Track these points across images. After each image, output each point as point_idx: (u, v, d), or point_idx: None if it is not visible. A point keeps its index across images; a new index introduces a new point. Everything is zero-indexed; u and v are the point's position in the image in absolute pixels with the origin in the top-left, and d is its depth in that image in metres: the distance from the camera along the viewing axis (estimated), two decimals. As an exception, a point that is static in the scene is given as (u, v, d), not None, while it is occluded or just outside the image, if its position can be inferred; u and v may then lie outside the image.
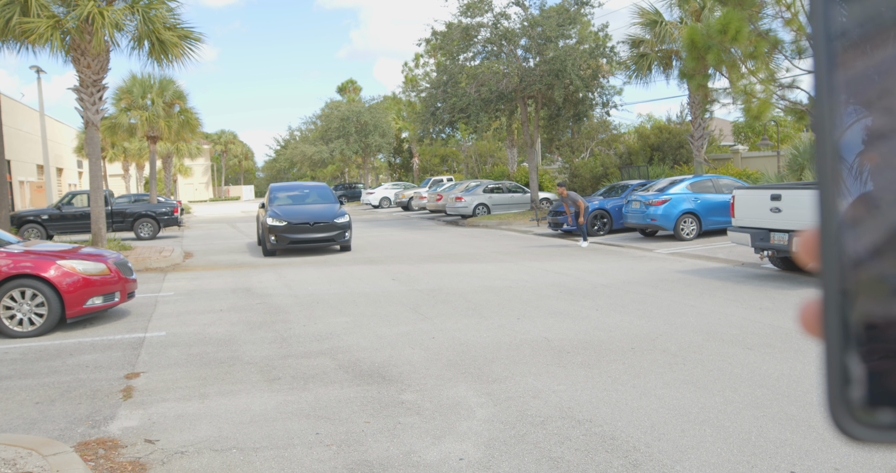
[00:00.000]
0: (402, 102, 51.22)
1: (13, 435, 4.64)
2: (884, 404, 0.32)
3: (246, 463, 4.27)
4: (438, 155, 52.99)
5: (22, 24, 14.69)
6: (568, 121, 27.25)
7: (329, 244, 16.14)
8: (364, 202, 44.61)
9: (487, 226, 23.56)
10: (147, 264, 14.91)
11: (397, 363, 6.39)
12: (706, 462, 4.00)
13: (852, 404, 0.32)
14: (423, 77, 39.13)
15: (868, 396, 0.32)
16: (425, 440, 4.54)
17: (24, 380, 6.28)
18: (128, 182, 51.89)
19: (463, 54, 25.64)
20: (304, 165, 57.40)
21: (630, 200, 16.96)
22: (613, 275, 11.29)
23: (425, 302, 9.41)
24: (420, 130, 29.41)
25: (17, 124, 29.18)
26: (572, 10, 24.02)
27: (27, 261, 8.27)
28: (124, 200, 27.37)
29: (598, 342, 6.83)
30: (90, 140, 16.40)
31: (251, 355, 6.91)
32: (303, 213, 16.27)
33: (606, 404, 5.06)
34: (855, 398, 0.32)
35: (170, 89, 28.46)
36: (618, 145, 32.56)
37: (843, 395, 0.32)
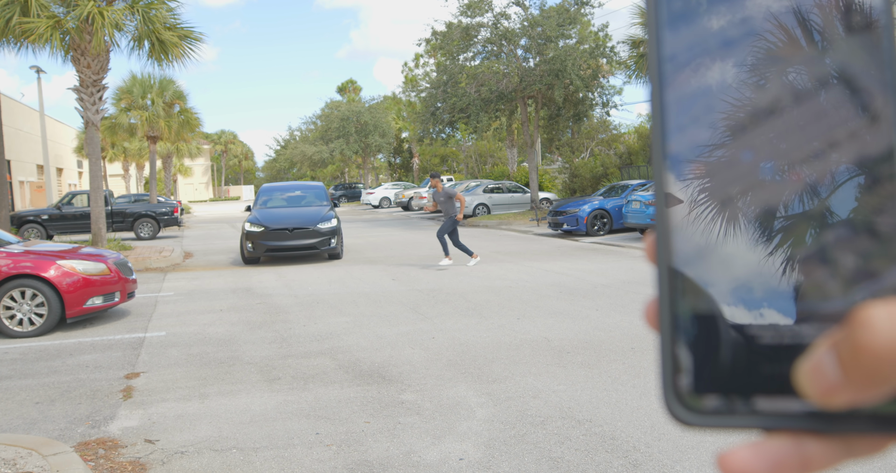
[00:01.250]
0: (402, 102, 51.26)
1: (13, 435, 4.64)
2: (708, 391, 0.35)
3: (246, 463, 4.27)
4: (438, 155, 53.01)
5: (22, 24, 14.69)
6: (568, 121, 27.27)
7: (311, 252, 14.67)
8: (364, 202, 44.62)
9: (487, 226, 23.56)
10: (147, 264, 14.91)
11: (397, 363, 6.39)
12: (706, 462, 4.00)
13: (681, 391, 0.36)
14: (423, 77, 39.14)
15: (694, 384, 0.35)
16: (425, 440, 4.54)
17: (24, 380, 6.28)
18: (128, 182, 51.92)
19: (463, 54, 25.65)
20: (304, 165, 57.43)
21: (630, 200, 16.97)
22: (613, 275, 11.30)
23: (425, 302, 9.42)
24: (420, 130, 29.42)
25: (17, 124, 29.19)
26: (572, 10, 24.02)
27: (27, 261, 8.27)
28: (124, 200, 27.39)
29: (598, 342, 6.83)
30: (90, 140, 16.40)
31: (251, 355, 6.91)
32: (284, 217, 14.77)
33: (606, 404, 5.06)
34: (683, 386, 0.36)
35: (170, 89, 28.49)
36: (618, 145, 32.58)
37: (673, 384, 0.36)
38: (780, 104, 0.35)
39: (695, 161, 0.36)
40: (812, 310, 0.34)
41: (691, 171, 0.36)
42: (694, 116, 0.36)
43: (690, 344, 0.36)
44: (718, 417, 0.35)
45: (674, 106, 0.37)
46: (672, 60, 0.37)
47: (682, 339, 0.36)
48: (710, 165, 0.36)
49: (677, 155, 0.37)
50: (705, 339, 0.35)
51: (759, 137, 0.35)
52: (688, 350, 0.35)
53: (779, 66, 0.35)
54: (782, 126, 0.35)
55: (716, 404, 0.35)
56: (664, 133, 0.37)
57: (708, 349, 0.35)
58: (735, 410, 0.35)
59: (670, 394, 0.36)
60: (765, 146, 0.35)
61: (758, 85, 0.35)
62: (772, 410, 0.34)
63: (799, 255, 0.34)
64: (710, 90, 0.36)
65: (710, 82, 0.36)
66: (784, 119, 0.35)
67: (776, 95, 0.35)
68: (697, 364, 0.35)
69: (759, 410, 0.34)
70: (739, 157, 0.35)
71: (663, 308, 0.36)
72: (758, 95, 0.35)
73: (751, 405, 0.34)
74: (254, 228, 14.48)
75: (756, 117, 0.35)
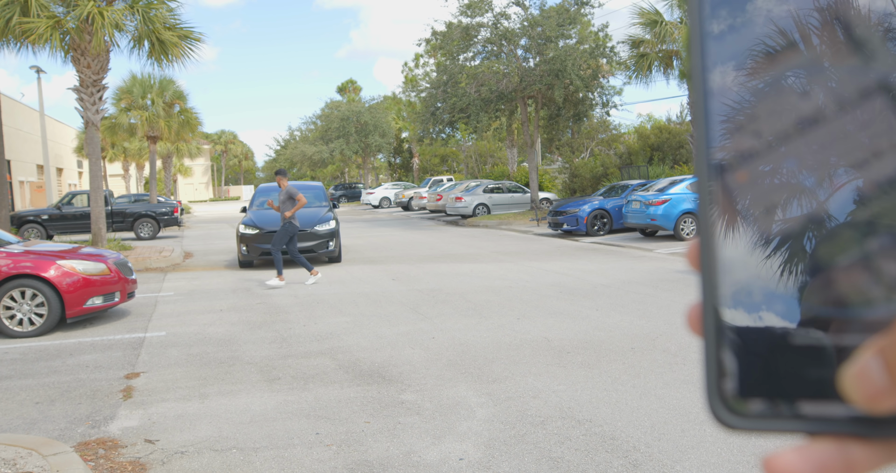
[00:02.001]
0: (402, 102, 51.26)
1: (13, 435, 4.64)
2: (753, 395, 0.36)
3: (246, 463, 4.27)
4: (438, 155, 53.02)
5: (22, 24, 14.69)
6: (568, 121, 27.26)
7: (308, 256, 13.83)
8: (364, 202, 44.62)
9: (487, 226, 23.56)
10: (147, 264, 14.91)
11: (397, 363, 6.39)
12: (706, 462, 4.00)
13: (726, 395, 0.36)
14: (423, 77, 39.14)
15: (739, 388, 0.36)
16: (425, 440, 4.54)
17: (24, 380, 6.28)
18: (128, 182, 51.91)
19: (463, 54, 25.65)
20: (304, 166, 57.40)
21: (630, 200, 16.96)
22: (613, 275, 11.29)
23: (425, 302, 9.42)
24: (420, 130, 29.43)
25: (17, 124, 29.19)
26: (572, 10, 24.02)
27: (27, 261, 8.27)
28: (124, 200, 27.38)
29: (598, 342, 6.83)
30: (90, 140, 16.40)
31: (251, 355, 6.91)
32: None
33: (606, 404, 5.06)
34: (728, 390, 0.36)
35: (170, 89, 28.49)
36: (618, 145, 32.58)
37: (718, 387, 0.36)
38: (827, 111, 0.35)
39: (739, 168, 0.37)
40: (857, 316, 0.34)
41: (735, 177, 0.37)
42: (738, 124, 0.37)
43: (735, 348, 0.36)
44: (763, 421, 0.35)
45: (717, 113, 0.37)
46: (715, 67, 0.37)
47: (727, 343, 0.36)
48: (755, 171, 0.36)
49: (721, 162, 0.37)
50: (750, 343, 0.36)
51: (804, 145, 0.35)
52: (732, 354, 0.36)
53: (825, 72, 0.35)
54: (828, 134, 0.35)
55: (761, 408, 0.35)
56: (708, 139, 0.37)
57: (753, 353, 0.36)
58: (780, 414, 0.35)
59: (715, 398, 0.36)
60: (810, 154, 0.35)
61: (803, 92, 0.35)
62: (817, 414, 0.34)
63: (843, 261, 0.34)
64: (754, 97, 0.36)
65: (754, 90, 0.36)
66: (830, 126, 0.35)
67: (822, 102, 0.35)
68: (742, 368, 0.36)
69: (804, 414, 0.35)
70: (784, 164, 0.36)
71: (707, 313, 0.37)
72: (803, 102, 0.35)
73: (795, 409, 0.35)
74: (248, 230, 13.91)
75: (802, 125, 0.35)
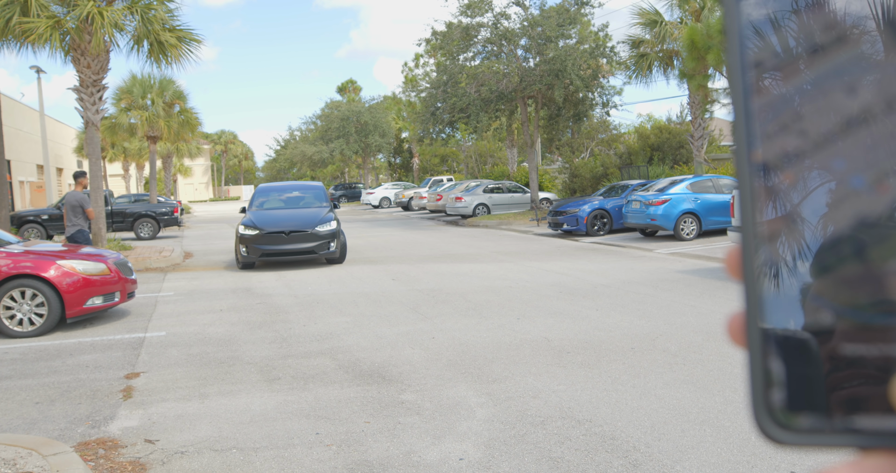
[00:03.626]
0: (402, 102, 51.23)
1: (13, 435, 4.64)
2: (803, 409, 0.34)
3: (246, 463, 4.27)
4: (438, 155, 53.00)
5: (22, 23, 14.68)
6: (568, 121, 27.26)
7: (308, 257, 13.78)
8: (364, 202, 44.61)
9: (487, 226, 23.56)
10: (147, 264, 14.91)
11: (397, 363, 6.39)
12: (706, 462, 4.00)
13: (774, 409, 0.35)
14: (423, 77, 39.15)
15: (788, 401, 0.34)
16: (425, 440, 4.54)
17: (24, 380, 6.28)
18: (128, 182, 51.89)
19: (463, 54, 25.65)
20: (304, 165, 57.41)
21: (630, 200, 16.96)
22: (613, 275, 11.29)
23: (425, 302, 9.41)
24: (420, 130, 29.42)
25: (17, 124, 29.18)
26: (572, 10, 24.02)
27: (27, 261, 8.27)
28: (124, 200, 27.37)
29: (598, 342, 6.83)
30: (90, 140, 16.40)
31: (251, 355, 6.91)
32: (280, 220, 14.00)
33: (606, 404, 5.06)
34: (776, 403, 0.35)
35: (170, 89, 28.47)
36: (618, 145, 32.57)
37: (765, 401, 0.35)
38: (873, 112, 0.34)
39: (783, 169, 0.35)
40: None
41: (780, 180, 0.35)
42: (781, 125, 0.35)
43: (783, 359, 0.34)
44: (814, 435, 0.34)
45: (759, 114, 0.36)
46: (756, 66, 0.36)
47: (773, 354, 0.35)
48: (798, 174, 0.35)
49: (763, 164, 0.36)
50: (798, 354, 0.34)
51: (850, 146, 0.34)
52: (780, 366, 0.34)
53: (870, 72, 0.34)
54: (874, 135, 0.34)
55: (811, 422, 0.34)
56: (749, 141, 0.36)
57: (802, 364, 0.34)
58: (832, 428, 0.34)
59: (762, 411, 0.35)
60: (857, 155, 0.34)
61: (849, 92, 0.34)
62: (870, 428, 0.33)
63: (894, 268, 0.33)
64: (796, 97, 0.35)
65: (796, 89, 0.35)
66: (877, 127, 0.34)
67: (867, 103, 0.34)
68: (791, 380, 0.34)
69: (857, 428, 0.33)
70: (830, 166, 0.34)
71: (751, 322, 0.35)
72: (848, 103, 0.34)
73: (848, 422, 0.33)
74: (248, 231, 13.70)
75: (847, 126, 0.34)
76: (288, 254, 13.71)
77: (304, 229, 13.69)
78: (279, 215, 14.40)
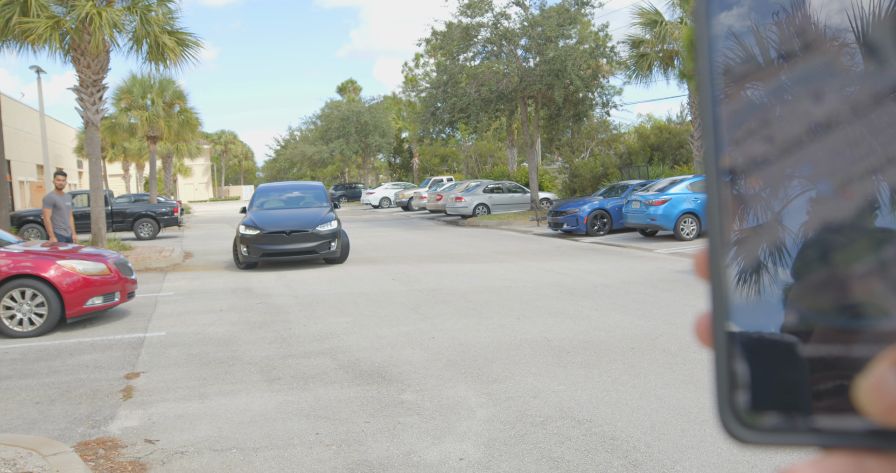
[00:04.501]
0: (402, 102, 51.26)
1: (13, 435, 4.64)
2: (766, 408, 0.35)
3: (246, 463, 4.27)
4: (438, 155, 53.01)
5: (21, 24, 14.69)
6: (568, 121, 27.27)
7: (309, 257, 13.77)
8: (364, 202, 44.62)
9: (487, 226, 23.56)
10: (147, 264, 14.91)
11: (397, 363, 6.39)
12: (706, 462, 4.00)
13: (738, 409, 0.35)
14: (423, 77, 39.15)
15: (752, 401, 0.35)
16: (425, 440, 4.54)
17: (24, 380, 6.28)
18: (128, 182, 51.89)
19: (463, 54, 25.65)
20: (304, 165, 57.42)
21: (630, 200, 16.96)
22: (613, 275, 11.29)
23: (425, 302, 9.41)
24: (420, 130, 29.43)
25: (17, 124, 29.18)
26: (572, 10, 24.02)
27: (27, 261, 8.27)
28: (124, 200, 27.36)
29: (598, 342, 6.83)
30: (90, 140, 16.40)
31: (251, 355, 6.91)
32: (281, 219, 14.02)
33: (606, 404, 5.06)
34: (741, 403, 0.35)
35: (170, 89, 28.48)
36: (618, 145, 32.58)
37: (730, 401, 0.35)
38: (839, 118, 0.34)
39: (750, 174, 0.36)
40: (872, 326, 0.33)
41: (746, 184, 0.36)
42: (748, 130, 0.36)
43: (747, 360, 0.35)
44: (777, 434, 0.34)
45: (727, 120, 0.36)
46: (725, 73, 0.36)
47: (739, 355, 0.35)
48: (767, 177, 0.35)
49: (730, 169, 0.36)
50: (762, 355, 0.35)
51: (816, 152, 0.35)
52: (745, 366, 0.35)
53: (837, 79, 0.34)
54: (840, 141, 0.34)
55: (775, 421, 0.34)
56: (717, 147, 0.36)
57: (765, 364, 0.35)
58: (795, 427, 0.34)
59: (727, 411, 0.35)
60: (823, 160, 0.34)
61: (815, 98, 0.35)
62: (832, 427, 0.33)
63: (858, 270, 0.33)
64: (764, 103, 0.36)
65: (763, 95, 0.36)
66: (842, 134, 0.34)
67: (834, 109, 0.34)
68: (755, 380, 0.35)
69: (820, 427, 0.34)
70: (796, 171, 0.35)
71: (717, 323, 0.36)
72: (815, 109, 0.35)
73: (810, 422, 0.34)
74: (249, 231, 13.69)
75: (813, 131, 0.35)
76: (289, 254, 13.70)
77: (304, 229, 13.71)
78: (280, 215, 14.39)
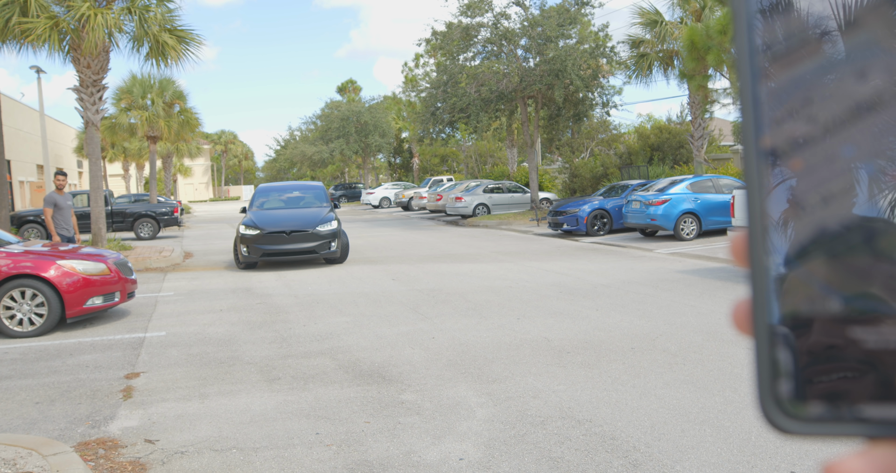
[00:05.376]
0: (402, 102, 51.25)
1: (13, 435, 4.64)
2: (811, 398, 0.34)
3: (246, 463, 4.27)
4: (438, 155, 53.00)
5: (21, 24, 14.68)
6: (568, 121, 27.26)
7: (309, 257, 13.84)
8: (364, 202, 44.62)
9: (487, 226, 23.55)
10: (147, 264, 14.91)
11: (397, 363, 6.39)
12: (706, 462, 4.00)
13: (781, 398, 0.34)
14: (423, 77, 39.15)
15: (796, 390, 0.34)
16: (425, 440, 4.54)
17: (24, 380, 6.28)
18: (128, 182, 51.89)
19: (463, 54, 25.65)
20: (304, 165, 57.41)
21: (630, 200, 16.96)
22: (613, 275, 11.29)
23: (425, 302, 9.41)
24: (420, 130, 29.44)
25: (17, 124, 29.18)
26: (572, 10, 24.02)
27: (27, 261, 8.26)
28: (124, 200, 27.36)
29: (598, 342, 6.83)
30: (90, 140, 16.40)
31: (251, 355, 6.91)
32: (281, 219, 14.09)
33: (606, 404, 5.05)
34: (784, 392, 0.34)
35: (170, 89, 28.48)
36: (618, 145, 32.56)
37: (772, 390, 0.34)
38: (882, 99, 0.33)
39: (792, 155, 0.34)
40: None
41: (788, 166, 0.35)
42: (790, 110, 0.34)
43: (790, 348, 0.34)
44: (822, 425, 0.33)
45: (767, 99, 0.35)
46: (764, 50, 0.35)
47: (781, 342, 0.34)
48: (810, 159, 0.34)
49: (772, 150, 0.35)
50: (806, 342, 0.34)
51: (861, 132, 0.33)
52: (788, 354, 0.34)
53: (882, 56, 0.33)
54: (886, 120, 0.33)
55: (820, 411, 0.33)
56: (757, 127, 0.35)
57: (810, 353, 0.34)
58: (840, 417, 0.33)
59: (769, 401, 0.34)
60: (868, 141, 0.33)
61: (860, 76, 0.33)
62: (879, 417, 0.32)
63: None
64: (806, 82, 0.34)
65: (805, 73, 0.34)
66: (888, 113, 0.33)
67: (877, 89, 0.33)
68: (799, 369, 0.34)
69: (867, 417, 0.33)
70: (840, 151, 0.34)
71: (758, 310, 0.35)
72: (858, 88, 0.33)
73: (857, 412, 0.33)
74: (249, 230, 13.74)
75: (858, 111, 0.33)
76: (289, 254, 13.73)
77: (304, 229, 13.76)
78: (280, 215, 14.44)
